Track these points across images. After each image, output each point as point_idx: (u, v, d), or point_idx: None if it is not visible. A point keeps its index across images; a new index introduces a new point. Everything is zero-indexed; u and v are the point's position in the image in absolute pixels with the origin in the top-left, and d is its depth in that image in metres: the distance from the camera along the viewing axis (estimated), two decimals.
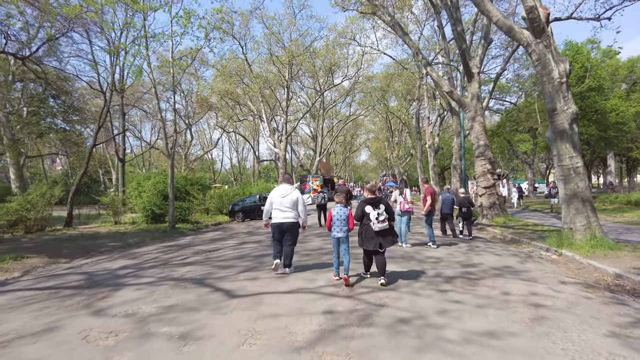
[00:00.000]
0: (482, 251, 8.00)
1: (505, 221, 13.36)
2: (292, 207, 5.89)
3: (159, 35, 15.04)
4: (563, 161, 7.99)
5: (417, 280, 5.33)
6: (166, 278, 5.72)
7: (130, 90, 30.37)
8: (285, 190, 5.98)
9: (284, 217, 5.82)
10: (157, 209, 16.90)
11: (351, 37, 27.61)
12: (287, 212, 5.85)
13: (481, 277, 5.52)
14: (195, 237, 12.28)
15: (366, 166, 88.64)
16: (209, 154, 60.87)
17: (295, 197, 5.96)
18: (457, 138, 20.63)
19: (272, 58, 28.15)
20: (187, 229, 15.26)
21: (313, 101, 34.92)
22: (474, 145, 14.71)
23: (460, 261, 6.74)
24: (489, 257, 7.21)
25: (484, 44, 14.76)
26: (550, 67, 7.94)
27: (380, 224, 5.07)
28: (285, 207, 5.84)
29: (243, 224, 16.16)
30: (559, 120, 7.99)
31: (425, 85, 27.78)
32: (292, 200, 5.90)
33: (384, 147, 53.82)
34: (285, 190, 5.98)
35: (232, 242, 9.89)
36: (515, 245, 9.18)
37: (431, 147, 26.87)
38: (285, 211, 5.84)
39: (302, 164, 45.48)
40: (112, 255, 8.93)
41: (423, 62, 15.32)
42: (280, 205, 5.87)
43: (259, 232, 11.86)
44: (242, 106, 34.79)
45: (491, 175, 14.29)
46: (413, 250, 7.82)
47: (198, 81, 33.86)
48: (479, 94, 14.74)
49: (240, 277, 5.53)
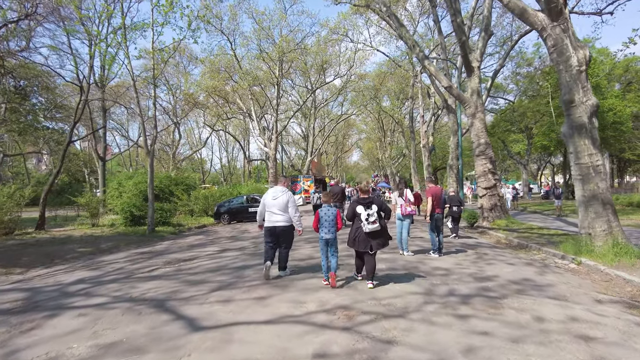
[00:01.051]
0: (492, 259, 7.13)
1: (507, 224, 12.56)
2: (284, 211, 5.64)
3: (138, 23, 13.93)
4: (581, 159, 7.16)
5: (428, 300, 4.39)
6: (122, 298, 4.69)
7: (116, 88, 29.16)
8: (276, 192, 5.73)
9: (276, 221, 5.60)
10: (137, 210, 15.75)
11: (344, 32, 26.72)
12: (278, 216, 5.60)
13: (503, 295, 4.61)
14: (174, 242, 11.20)
15: (357, 167, 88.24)
16: (198, 154, 59.50)
17: (286, 200, 5.65)
18: (454, 137, 19.85)
19: (262, 55, 27.09)
20: (168, 232, 14.17)
21: (304, 99, 33.90)
22: (473, 144, 13.91)
23: (472, 273, 5.83)
24: (503, 268, 6.33)
25: (484, 36, 13.96)
26: (567, 54, 7.10)
27: (371, 225, 4.88)
28: (277, 210, 5.60)
29: (228, 227, 15.10)
30: (577, 113, 7.15)
31: (419, 83, 27.02)
32: (284, 203, 5.62)
33: (376, 147, 53.22)
34: (276, 192, 5.73)
35: (211, 249, 8.85)
36: (525, 251, 8.35)
37: (426, 146, 26.10)
38: (277, 214, 5.60)
39: (293, 164, 44.43)
40: (75, 264, 7.83)
41: (420, 56, 14.48)
42: (272, 207, 5.63)
43: (244, 237, 10.83)
44: (232, 104, 33.64)
45: (492, 175, 13.49)
46: (416, 260, 6.89)
47: (185, 77, 32.69)
48: (479, 89, 13.94)
49: (210, 298, 4.52)
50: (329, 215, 5.18)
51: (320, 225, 5.17)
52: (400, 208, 7.03)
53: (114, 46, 14.61)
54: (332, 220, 5.17)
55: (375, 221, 4.89)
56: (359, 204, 5.07)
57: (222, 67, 28.29)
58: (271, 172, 27.85)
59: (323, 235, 5.14)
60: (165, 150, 45.69)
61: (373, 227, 4.88)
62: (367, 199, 5.11)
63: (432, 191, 7.25)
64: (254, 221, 17.11)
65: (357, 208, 5.06)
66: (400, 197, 7.15)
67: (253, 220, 17.07)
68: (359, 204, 5.08)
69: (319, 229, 5.19)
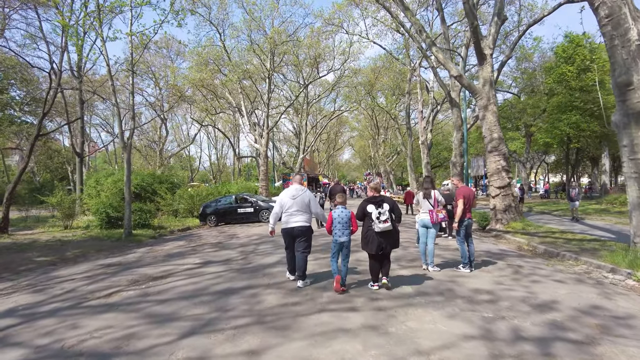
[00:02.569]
0: (532, 274, 5.86)
1: (523, 227, 11.38)
2: (305, 210, 5.34)
3: (114, 1, 12.31)
4: (638, 153, 5.93)
5: (494, 351, 3.05)
6: (47, 351, 3.23)
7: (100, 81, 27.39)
8: (296, 191, 5.39)
9: (295, 222, 5.27)
10: (113, 211, 14.19)
11: (338, 23, 25.29)
12: (298, 216, 5.29)
13: (589, 339, 3.31)
14: (151, 249, 9.70)
15: (349, 165, 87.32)
16: (186, 151, 57.63)
17: (308, 199, 5.37)
18: (457, 132, 18.67)
19: (253, 46, 25.51)
20: (147, 236, 12.68)
21: (297, 94, 32.42)
22: (485, 139, 12.69)
23: (524, 298, 4.53)
24: (555, 288, 5.06)
25: (497, 21, 12.72)
26: (626, 26, 5.85)
27: (383, 225, 4.70)
28: (297, 210, 5.29)
29: (215, 231, 13.61)
30: (635, 97, 5.91)
31: (418, 77, 25.81)
32: (304, 202, 5.33)
33: (369, 145, 52.16)
34: (296, 191, 5.40)
35: (191, 261, 7.38)
36: (559, 261, 7.17)
37: (424, 143, 24.92)
38: (297, 214, 5.29)
39: (285, 161, 42.87)
40: (21, 281, 6.33)
41: (428, 42, 13.20)
42: (292, 207, 5.28)
43: (231, 245, 9.37)
44: (220, 99, 32.01)
45: (506, 173, 12.30)
46: (446, 278, 5.55)
47: (172, 69, 30.92)
48: (492, 79, 12.72)
49: (178, 353, 3.04)
50: (342, 217, 4.89)
51: (334, 228, 4.91)
52: (430, 214, 5.68)
53: (87, 28, 12.99)
54: (347, 223, 4.90)
55: (387, 220, 4.69)
56: (369, 203, 4.85)
57: (210, 59, 26.60)
58: (262, 169, 26.37)
59: (337, 238, 4.88)
60: (152, 147, 44.12)
61: (385, 227, 4.67)
62: (377, 198, 4.90)
63: (463, 192, 5.91)
64: (243, 224, 15.75)
65: (367, 207, 4.82)
66: (427, 200, 5.81)
67: (243, 223, 15.62)
68: (369, 202, 4.86)
69: (332, 231, 4.93)
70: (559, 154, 36.67)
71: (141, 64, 29.72)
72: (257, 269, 6.15)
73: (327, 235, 7.32)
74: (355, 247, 5.81)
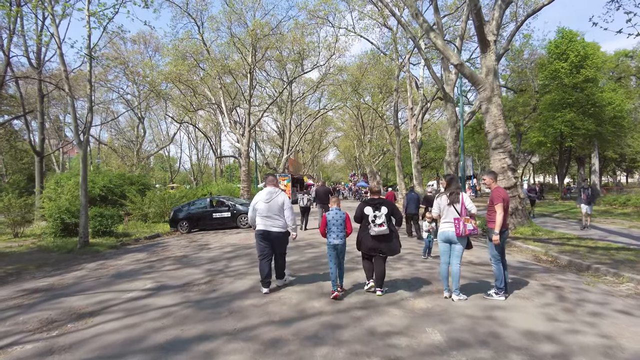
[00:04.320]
0: (582, 301, 4.53)
1: (533, 232, 10.18)
2: (280, 214, 5.10)
3: None
4: None
5: None
6: None
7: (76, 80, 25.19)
8: (269, 195, 5.13)
9: (271, 225, 5.02)
10: (70, 217, 12.35)
11: (324, 15, 23.85)
12: (273, 220, 5.04)
13: None
14: (102, 264, 7.98)
15: (334, 165, 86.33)
16: (165, 151, 55.21)
17: (281, 202, 5.12)
18: (452, 129, 17.47)
19: (234, 39, 23.79)
20: (106, 245, 10.93)
21: (280, 90, 30.80)
22: (489, 135, 11.44)
23: (604, 348, 3.14)
24: (628, 324, 3.71)
25: (500, 4, 11.51)
26: None
27: (378, 228, 4.49)
28: (271, 213, 5.04)
29: (184, 239, 11.86)
30: None
31: (407, 73, 24.60)
32: (279, 205, 5.09)
33: (354, 145, 51.06)
34: (269, 194, 5.13)
35: (140, 284, 5.72)
36: (594, 276, 6.10)
37: (414, 142, 23.72)
38: (272, 218, 5.04)
39: (268, 162, 41.05)
40: None
41: (425, 27, 11.88)
42: (266, 212, 5.04)
43: (198, 260, 7.69)
44: (199, 95, 30.12)
45: (512, 173, 11.08)
46: (480, 312, 4.08)
47: (146, 63, 28.87)
48: (496, 68, 11.49)
49: None
50: (337, 219, 4.72)
51: (328, 230, 4.72)
52: (455, 224, 4.26)
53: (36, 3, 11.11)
54: (341, 225, 4.73)
55: (382, 224, 4.50)
56: (367, 205, 4.69)
57: (188, 53, 24.64)
58: (243, 170, 24.65)
59: (331, 240, 4.69)
60: (129, 147, 41.98)
61: (379, 230, 4.50)
62: (376, 200, 4.72)
63: (501, 194, 4.48)
64: (219, 230, 13.98)
65: (365, 209, 4.67)
66: (452, 205, 4.40)
67: (218, 229, 13.93)
68: (367, 204, 4.70)
69: (327, 234, 4.74)
70: (544, 153, 36.15)
71: (116, 59, 27.79)
72: (221, 302, 4.57)
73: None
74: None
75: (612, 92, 22.73)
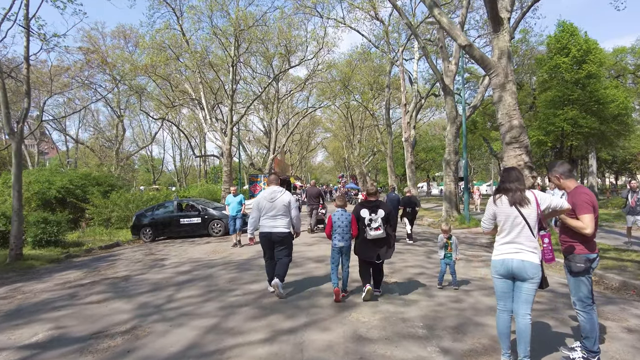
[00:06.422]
0: None
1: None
2: (285, 214, 4.90)
3: None
4: None
5: None
6: None
7: None
8: (274, 193, 4.90)
9: (274, 226, 4.85)
10: (4, 224, 10.39)
11: (313, 3, 22.11)
12: (278, 220, 4.85)
13: None
14: (14, 290, 6.03)
15: (322, 167, 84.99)
16: (147, 151, 52.77)
17: (287, 201, 4.91)
18: (452, 125, 15.96)
19: (215, 30, 21.88)
20: (46, 259, 9.03)
21: (265, 85, 28.94)
22: (502, 127, 9.83)
23: None
24: None
25: None
26: None
27: (374, 232, 4.40)
28: (276, 213, 4.85)
29: (141, 251, 9.85)
30: None
31: (400, 67, 23.06)
32: (285, 205, 4.87)
33: (343, 146, 49.57)
34: (274, 193, 4.91)
35: (30, 332, 3.78)
36: None
37: (408, 140, 22.19)
38: (277, 218, 4.85)
39: (254, 162, 39.01)
40: None
41: (428, 2, 10.24)
42: (271, 211, 4.85)
43: (139, 285, 5.73)
44: (177, 89, 28.09)
45: (529, 172, 9.49)
46: None
47: (119, 55, 26.72)
48: (510, 50, 9.92)
49: None
50: (342, 221, 4.63)
51: (334, 232, 4.67)
52: (542, 248, 2.50)
53: None
54: (347, 227, 4.63)
55: (378, 227, 4.38)
56: (363, 207, 4.57)
57: (166, 44, 22.50)
58: (225, 170, 22.64)
59: (336, 242, 4.64)
60: (108, 146, 39.78)
61: (376, 234, 4.38)
62: (372, 203, 4.60)
63: (590, 198, 2.81)
64: (186, 238, 11.83)
65: (361, 211, 4.54)
66: (518, 209, 2.57)
67: (185, 237, 11.97)
68: (363, 207, 4.59)
69: (332, 235, 4.68)
70: (536, 154, 35.13)
71: (94, 54, 25.72)
72: None
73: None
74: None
75: (615, 89, 21.60)
